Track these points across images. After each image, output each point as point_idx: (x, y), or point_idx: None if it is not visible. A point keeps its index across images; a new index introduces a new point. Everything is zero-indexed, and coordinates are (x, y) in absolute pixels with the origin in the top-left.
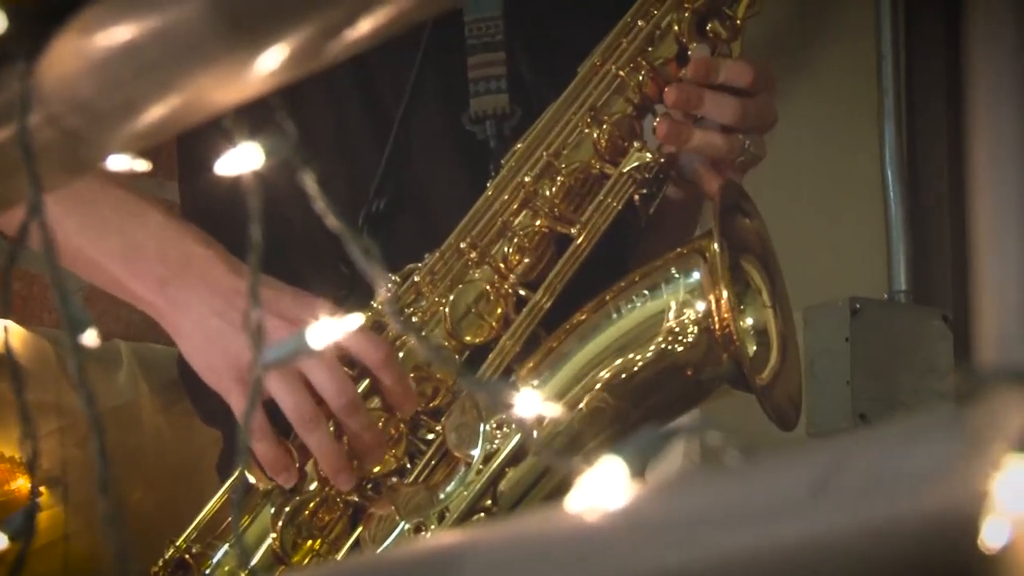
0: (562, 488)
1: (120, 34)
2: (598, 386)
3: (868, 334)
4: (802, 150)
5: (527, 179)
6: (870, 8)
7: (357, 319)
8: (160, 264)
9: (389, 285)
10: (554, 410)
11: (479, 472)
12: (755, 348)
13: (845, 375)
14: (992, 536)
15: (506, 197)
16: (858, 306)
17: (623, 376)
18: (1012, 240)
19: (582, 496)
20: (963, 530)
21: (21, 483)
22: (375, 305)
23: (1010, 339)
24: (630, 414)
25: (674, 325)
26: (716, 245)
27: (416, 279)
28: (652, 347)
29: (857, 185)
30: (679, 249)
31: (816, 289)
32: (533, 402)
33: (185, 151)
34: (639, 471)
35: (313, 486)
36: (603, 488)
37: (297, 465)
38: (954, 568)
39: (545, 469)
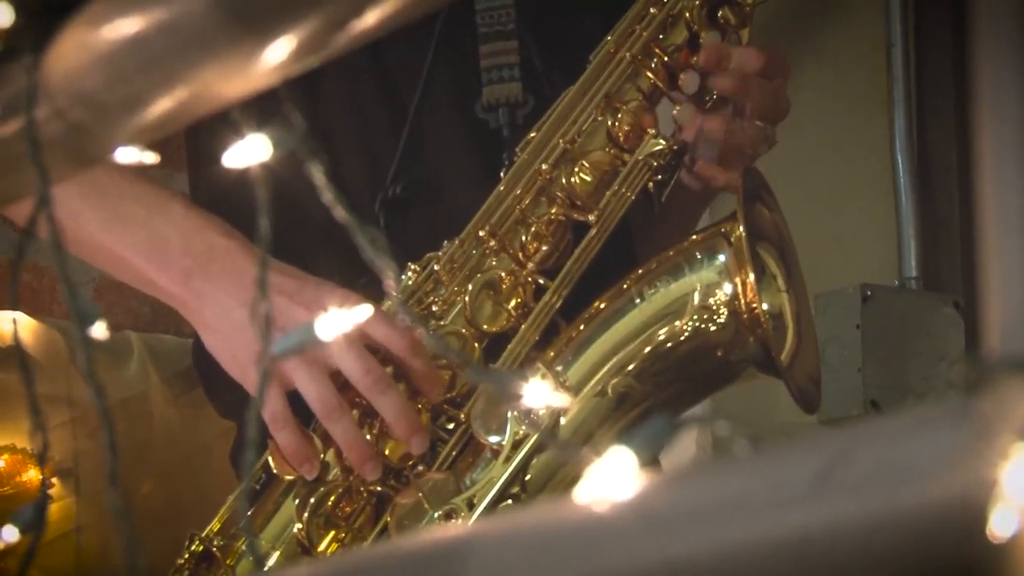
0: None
1: (126, 27)
2: (624, 371)
3: (879, 321)
4: (812, 138)
5: (544, 167)
6: None
7: (367, 309)
8: (185, 256)
9: (408, 274)
10: (567, 400)
11: (508, 460)
12: (772, 331)
13: (856, 362)
14: (1000, 525)
15: (523, 185)
16: (869, 293)
17: (649, 360)
18: (1018, 230)
19: (588, 487)
20: (971, 519)
21: (32, 475)
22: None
23: (1017, 328)
24: (656, 398)
25: (700, 308)
26: (742, 228)
27: (436, 267)
28: (678, 330)
29: (867, 173)
30: (700, 233)
31: (827, 276)
32: (543, 392)
33: (194, 142)
34: (649, 461)
35: (337, 475)
36: (609, 479)
37: (322, 456)
38: (962, 558)
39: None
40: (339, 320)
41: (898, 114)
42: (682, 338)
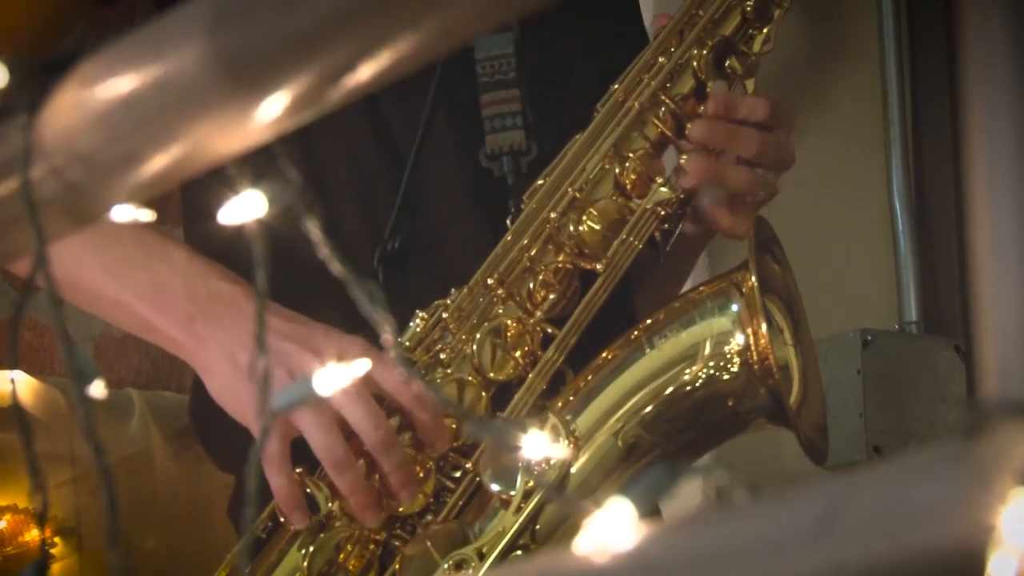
0: None
1: (120, 85)
2: (633, 420)
3: (880, 366)
4: (810, 184)
5: (552, 215)
6: (875, 42)
7: (365, 364)
8: (188, 301)
9: (416, 321)
10: (574, 450)
11: (518, 510)
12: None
13: (858, 407)
14: (999, 570)
15: (531, 234)
16: (869, 338)
17: (658, 409)
18: (1012, 272)
19: (588, 537)
20: (969, 564)
21: (35, 534)
22: (404, 342)
23: (1014, 372)
24: (665, 448)
25: (711, 357)
26: (754, 278)
27: (444, 315)
28: (688, 379)
29: (866, 217)
30: (711, 283)
31: (827, 321)
32: (548, 443)
33: (189, 197)
34: (649, 511)
35: (344, 524)
36: (611, 529)
37: (330, 505)
38: None
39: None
40: (345, 371)
41: (895, 159)
42: (693, 387)
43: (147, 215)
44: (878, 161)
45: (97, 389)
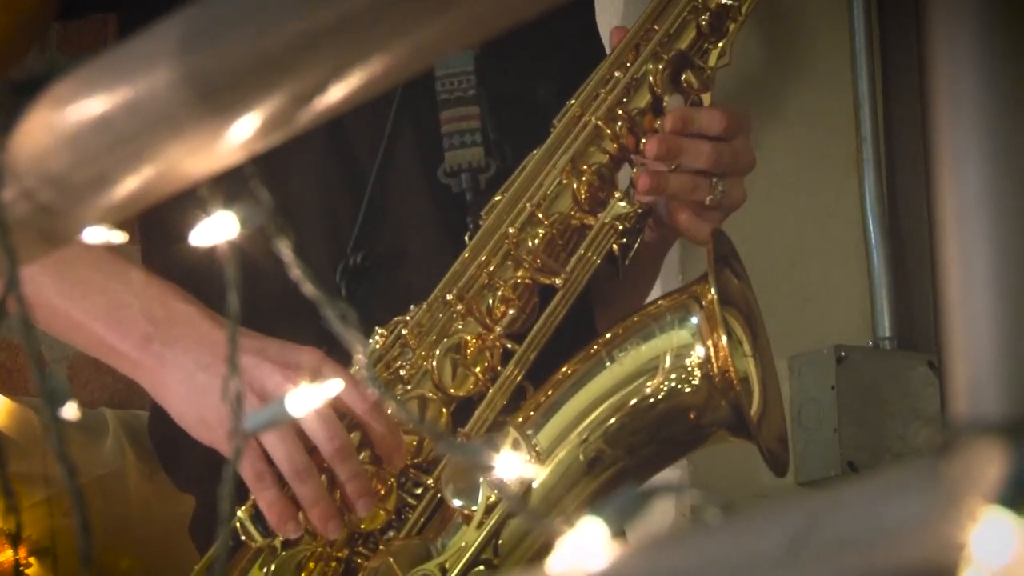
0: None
1: (91, 107)
2: (595, 434)
3: (854, 382)
4: (782, 199)
5: (511, 231)
6: (846, 56)
7: (337, 385)
8: (145, 321)
9: (376, 338)
10: (537, 466)
11: (480, 525)
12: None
13: (832, 423)
14: None
15: (490, 249)
16: (843, 354)
17: (619, 423)
18: (982, 290)
19: (560, 558)
20: None
21: (9, 555)
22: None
23: (984, 390)
24: (628, 461)
25: (671, 370)
26: (713, 290)
27: (403, 332)
28: (649, 392)
29: (838, 233)
30: (670, 296)
31: (800, 338)
32: (514, 462)
33: (146, 216)
34: (619, 530)
35: (306, 540)
36: (583, 549)
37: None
38: None
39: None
40: (316, 392)
41: (868, 173)
42: (654, 400)
43: (119, 236)
44: (851, 176)
45: (70, 411)
